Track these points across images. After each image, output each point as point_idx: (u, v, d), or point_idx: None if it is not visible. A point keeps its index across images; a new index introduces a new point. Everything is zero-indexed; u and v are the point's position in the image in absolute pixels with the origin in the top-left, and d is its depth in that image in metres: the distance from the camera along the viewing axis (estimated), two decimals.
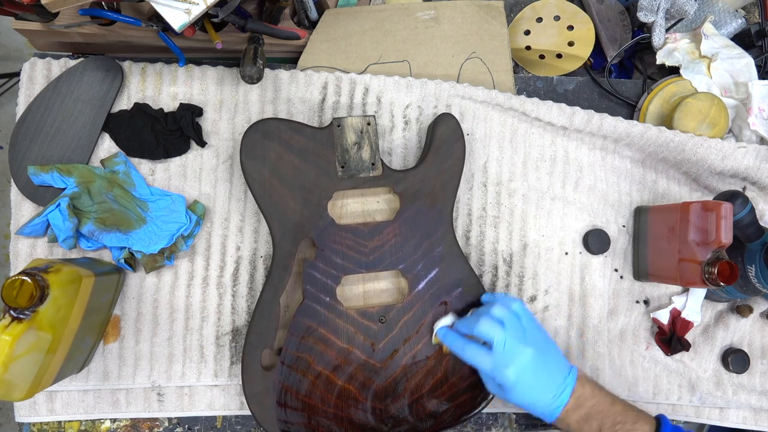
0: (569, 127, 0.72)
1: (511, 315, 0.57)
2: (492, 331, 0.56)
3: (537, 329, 0.59)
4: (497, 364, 0.56)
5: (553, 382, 0.57)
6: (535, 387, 0.56)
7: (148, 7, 0.63)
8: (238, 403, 0.66)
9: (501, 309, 0.58)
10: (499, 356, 0.56)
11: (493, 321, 0.57)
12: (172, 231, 0.64)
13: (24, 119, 0.64)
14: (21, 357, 0.48)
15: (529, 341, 0.56)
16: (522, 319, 0.58)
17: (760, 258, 0.64)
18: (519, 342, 0.56)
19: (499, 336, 0.56)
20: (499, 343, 0.55)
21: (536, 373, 0.56)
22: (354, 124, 0.64)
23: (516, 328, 0.56)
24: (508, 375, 0.55)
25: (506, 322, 0.57)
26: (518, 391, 0.56)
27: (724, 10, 0.81)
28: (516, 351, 0.55)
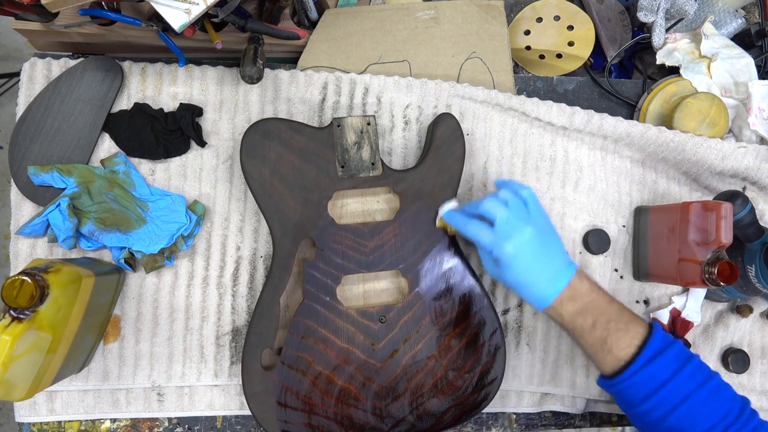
0: (569, 127, 0.72)
1: (518, 198, 0.57)
2: (495, 209, 0.56)
3: (543, 216, 0.59)
4: (497, 237, 0.55)
5: (552, 267, 0.56)
6: (532, 266, 0.56)
7: (148, 7, 0.63)
8: (238, 403, 0.66)
9: (508, 192, 0.58)
10: (500, 231, 0.55)
11: (498, 200, 0.57)
12: (172, 231, 0.64)
13: (24, 119, 0.64)
14: (21, 357, 0.48)
15: (531, 222, 0.56)
16: (529, 203, 0.58)
17: (760, 258, 0.64)
18: (521, 221, 0.56)
19: (501, 213, 0.56)
20: (501, 219, 0.55)
21: (535, 252, 0.55)
22: (354, 124, 0.64)
23: (520, 210, 0.57)
24: (507, 248, 0.55)
25: (511, 203, 0.57)
26: (514, 268, 0.55)
27: (724, 10, 0.81)
28: (517, 227, 0.55)
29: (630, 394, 0.55)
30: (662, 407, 0.53)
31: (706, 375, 0.54)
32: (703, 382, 0.54)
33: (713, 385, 0.54)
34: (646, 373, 0.54)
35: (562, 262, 0.57)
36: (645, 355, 0.54)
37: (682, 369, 0.54)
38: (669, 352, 0.54)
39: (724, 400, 0.54)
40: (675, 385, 0.53)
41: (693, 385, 0.53)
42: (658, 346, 0.54)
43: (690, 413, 0.53)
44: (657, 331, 0.56)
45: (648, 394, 0.54)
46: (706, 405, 0.53)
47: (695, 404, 0.53)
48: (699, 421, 0.53)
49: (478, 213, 0.58)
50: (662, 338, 0.55)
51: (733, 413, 0.53)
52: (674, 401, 0.53)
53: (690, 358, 0.55)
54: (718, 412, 0.53)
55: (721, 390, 0.54)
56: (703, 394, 0.53)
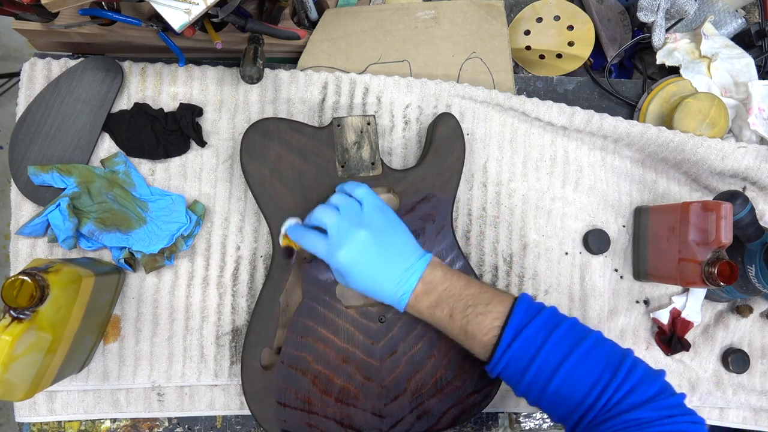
0: (569, 127, 0.72)
1: (350, 201, 0.55)
2: (325, 216, 0.54)
3: (381, 213, 0.55)
4: (330, 247, 0.53)
5: (397, 267, 0.54)
6: (375, 271, 0.53)
7: (148, 7, 0.63)
8: (238, 403, 0.66)
9: (340, 196, 0.56)
10: (332, 239, 0.53)
11: (329, 207, 0.55)
12: (172, 231, 0.64)
13: (24, 119, 0.64)
14: (21, 357, 0.48)
15: (366, 224, 0.53)
16: (364, 203, 0.55)
17: (760, 258, 0.64)
18: (353, 225, 0.53)
19: (332, 220, 0.53)
20: (332, 227, 0.53)
21: (374, 256, 0.53)
22: (354, 124, 0.64)
23: (352, 212, 0.54)
24: (340, 258, 0.52)
25: (342, 207, 0.54)
26: (356, 276, 0.53)
27: (724, 10, 0.81)
28: (349, 233, 0.53)
29: (508, 374, 0.52)
30: (539, 380, 0.50)
31: (577, 337, 0.51)
32: (576, 343, 0.50)
33: (587, 345, 0.50)
34: (515, 350, 0.51)
35: (411, 257, 0.54)
36: (508, 333, 0.51)
37: (550, 337, 0.50)
38: (535, 322, 0.51)
39: (599, 358, 0.50)
40: (545, 354, 0.50)
41: (564, 349, 0.50)
42: (520, 321, 0.51)
43: (566, 381, 0.49)
44: (520, 304, 0.52)
45: (522, 371, 0.51)
46: (581, 367, 0.49)
47: (568, 370, 0.49)
48: (576, 386, 0.49)
49: (314, 224, 0.56)
50: (526, 310, 0.52)
51: (608, 371, 0.49)
52: (548, 371, 0.50)
53: (559, 324, 0.51)
54: (592, 372, 0.49)
55: (597, 348, 0.51)
56: (576, 357, 0.50)
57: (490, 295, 0.54)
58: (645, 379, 0.49)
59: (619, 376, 0.48)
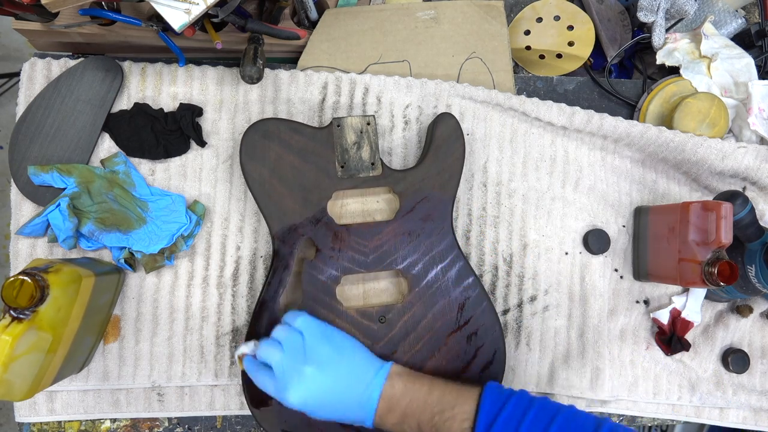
0: (569, 127, 0.72)
1: (292, 333, 0.54)
2: (269, 354, 0.53)
3: (323, 340, 0.54)
4: (278, 389, 0.52)
5: (353, 391, 0.52)
6: (331, 402, 0.52)
7: (148, 7, 0.63)
8: (238, 403, 0.66)
9: (281, 329, 0.55)
10: (279, 380, 0.52)
11: (272, 344, 0.53)
12: (172, 231, 0.64)
13: (24, 119, 0.64)
14: (21, 357, 0.48)
15: (310, 359, 0.52)
16: (305, 334, 0.54)
17: (760, 258, 0.64)
18: (297, 362, 0.52)
19: (275, 359, 0.52)
20: (278, 367, 0.52)
21: (325, 388, 0.52)
22: (354, 124, 0.64)
23: (294, 348, 0.53)
24: (290, 399, 0.51)
25: (285, 342, 0.53)
26: (315, 412, 0.52)
27: (724, 10, 0.81)
28: (293, 372, 0.51)
29: None
30: None
31: (549, 415, 0.50)
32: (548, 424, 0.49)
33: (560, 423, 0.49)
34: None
35: (365, 376, 0.53)
36: None
37: (522, 423, 0.49)
38: (502, 416, 0.49)
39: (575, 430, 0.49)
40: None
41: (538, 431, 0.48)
42: (487, 418, 0.50)
43: None
44: (485, 399, 0.51)
45: None
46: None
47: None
48: None
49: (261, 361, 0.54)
50: (491, 404, 0.51)
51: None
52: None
53: (526, 411, 0.50)
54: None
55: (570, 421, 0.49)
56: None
57: (454, 396, 0.52)
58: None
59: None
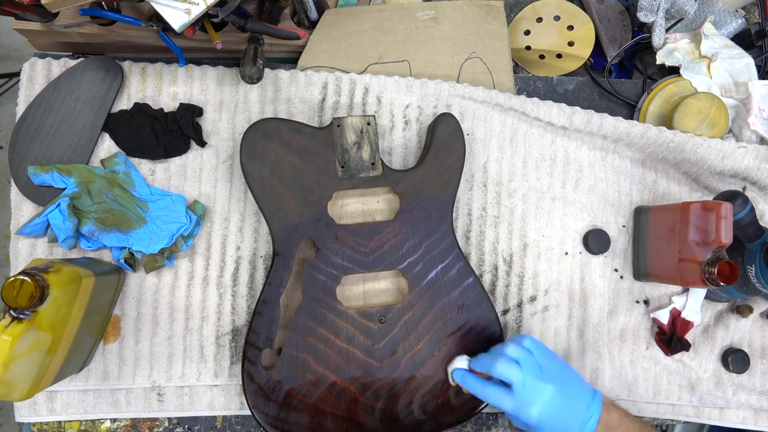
0: (569, 127, 0.72)
1: (525, 352, 0.57)
2: (509, 372, 0.55)
3: (553, 362, 0.58)
4: (519, 404, 0.55)
5: (578, 414, 0.56)
6: (561, 421, 0.56)
7: (148, 7, 0.63)
8: (238, 403, 0.66)
9: (514, 348, 0.57)
10: (520, 396, 0.55)
11: (509, 361, 0.56)
12: (172, 231, 0.64)
13: (24, 119, 0.64)
14: (21, 357, 0.48)
15: (547, 377, 0.56)
16: (535, 354, 0.58)
17: (760, 258, 0.64)
18: (538, 380, 0.55)
19: (517, 376, 0.55)
20: (519, 384, 0.55)
21: (559, 407, 0.55)
22: (354, 124, 0.64)
23: (533, 366, 0.56)
24: (532, 414, 0.55)
25: (522, 361, 0.56)
26: (545, 428, 0.56)
27: (724, 10, 0.81)
28: (536, 389, 0.55)
29: None
30: None
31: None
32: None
33: None
34: None
35: (587, 401, 0.57)
36: None
37: None
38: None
39: None
40: None
41: None
42: None
43: None
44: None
45: None
46: None
47: None
48: None
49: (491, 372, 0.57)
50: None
51: None
52: None
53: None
54: None
55: None
56: None
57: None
58: None
59: None
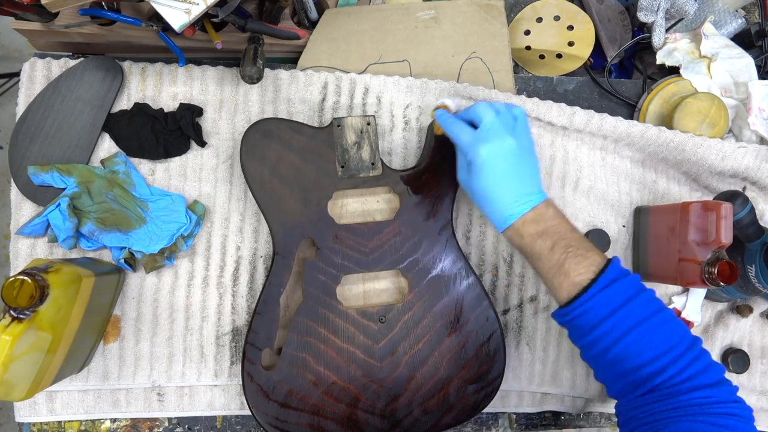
0: (569, 127, 0.72)
1: (509, 112, 0.57)
2: (485, 112, 0.56)
3: (528, 137, 0.58)
4: (476, 139, 0.55)
5: (522, 187, 0.56)
6: (503, 179, 0.55)
7: (148, 7, 0.63)
8: (238, 403, 0.66)
9: (501, 105, 0.58)
10: (481, 133, 0.55)
11: (490, 106, 0.57)
12: (172, 231, 0.64)
13: (24, 119, 0.64)
14: (21, 357, 0.48)
15: (516, 135, 0.56)
16: (519, 120, 0.57)
17: (760, 258, 0.64)
18: (505, 130, 0.55)
19: (489, 117, 0.55)
20: (487, 123, 0.55)
21: (509, 165, 0.55)
22: (354, 124, 0.64)
23: (507, 121, 0.56)
24: (482, 151, 0.55)
25: (502, 112, 0.56)
26: (484, 176, 0.55)
27: (724, 10, 0.81)
28: (499, 134, 0.55)
29: (582, 322, 0.53)
30: (611, 335, 0.52)
31: (659, 306, 0.53)
32: (655, 312, 0.52)
33: (665, 317, 0.52)
34: (600, 298, 0.52)
35: (534, 186, 0.57)
36: (602, 281, 0.52)
37: (636, 297, 0.52)
38: (625, 280, 0.53)
39: (674, 332, 0.52)
40: (626, 312, 0.51)
41: (644, 313, 0.51)
42: (615, 274, 0.53)
43: (637, 342, 0.51)
44: (616, 261, 0.54)
45: (598, 321, 0.52)
46: (655, 334, 0.51)
47: (643, 333, 0.51)
48: (644, 350, 0.51)
49: (467, 116, 0.58)
50: (620, 269, 0.54)
51: (682, 346, 0.50)
52: (623, 328, 0.51)
53: (644, 289, 0.53)
54: (665, 342, 0.51)
55: (672, 322, 0.52)
56: (652, 323, 0.51)
57: (591, 245, 0.56)
58: (713, 364, 0.51)
59: (691, 354, 0.50)
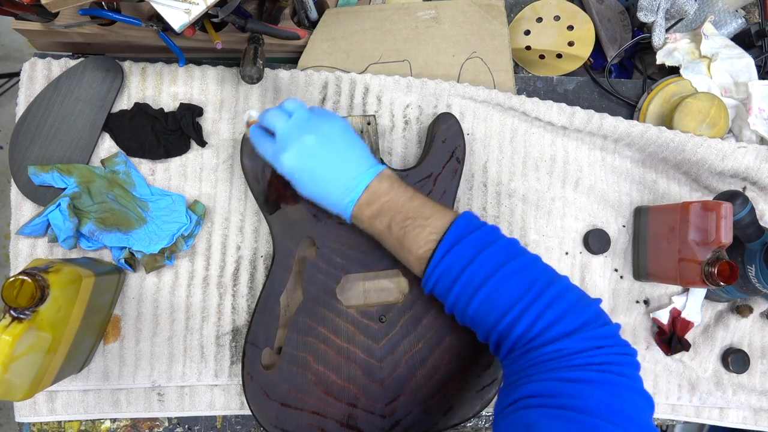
0: (569, 127, 0.72)
1: (302, 107, 0.54)
2: (276, 120, 0.53)
3: (331, 122, 0.53)
4: (276, 150, 0.52)
5: (344, 175, 0.52)
6: (321, 177, 0.52)
7: (148, 7, 0.63)
8: (238, 403, 0.66)
9: (293, 101, 0.55)
10: (279, 142, 0.52)
11: (280, 110, 0.54)
12: (172, 231, 0.64)
13: (24, 119, 0.64)
14: (21, 357, 0.48)
15: (313, 130, 0.52)
16: (315, 111, 0.54)
17: (760, 258, 0.64)
18: (300, 130, 0.52)
19: (281, 124, 0.52)
20: (281, 131, 0.52)
21: (320, 161, 0.51)
22: (354, 124, 0.64)
23: (303, 118, 0.53)
24: (284, 161, 0.52)
25: (294, 111, 0.53)
26: (303, 182, 0.52)
27: (724, 10, 0.81)
28: (295, 138, 0.51)
29: (439, 290, 0.50)
30: (464, 295, 0.48)
31: (509, 256, 0.48)
32: (504, 263, 0.47)
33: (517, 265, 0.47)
34: (445, 264, 0.48)
35: (359, 166, 0.52)
36: (441, 248, 0.49)
37: (482, 253, 0.47)
38: (470, 238, 0.48)
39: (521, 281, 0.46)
40: (472, 269, 0.47)
41: (490, 267, 0.47)
42: (456, 237, 0.49)
43: (489, 296, 0.46)
44: (459, 220, 0.50)
45: (449, 286, 0.49)
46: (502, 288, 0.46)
47: (494, 285, 0.46)
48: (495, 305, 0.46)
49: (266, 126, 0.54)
50: (465, 226, 0.50)
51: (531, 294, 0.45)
52: (472, 288, 0.47)
53: (494, 242, 0.49)
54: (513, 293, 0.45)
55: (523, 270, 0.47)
56: (502, 274, 0.46)
57: (431, 210, 0.51)
58: (574, 307, 0.45)
59: (542, 302, 0.45)
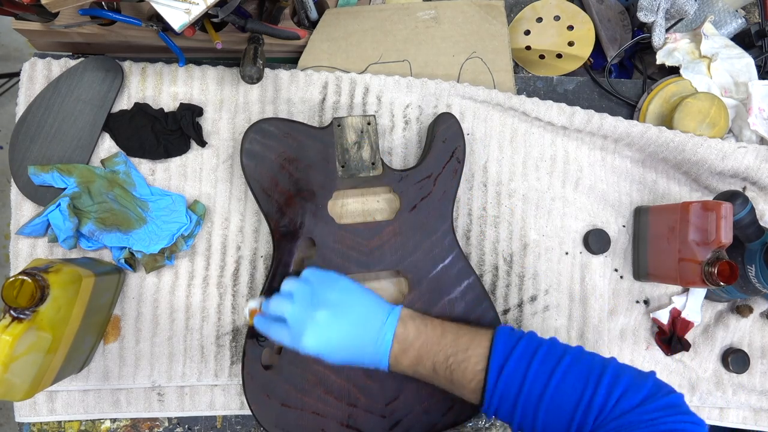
0: (569, 127, 0.72)
1: (300, 283, 0.55)
2: (281, 307, 0.54)
3: (331, 286, 0.54)
4: (294, 337, 0.52)
5: (367, 334, 0.52)
6: (347, 346, 0.52)
7: (148, 7, 0.63)
8: (238, 403, 0.66)
9: (289, 282, 0.56)
10: (293, 329, 0.52)
11: (282, 297, 0.55)
12: (172, 231, 0.64)
13: (24, 119, 0.64)
14: (21, 357, 0.48)
15: (321, 303, 0.53)
16: (313, 283, 0.55)
17: (760, 258, 0.64)
18: (308, 309, 0.52)
19: (287, 309, 0.53)
20: (290, 317, 0.52)
21: (341, 330, 0.52)
22: (354, 124, 0.64)
23: (304, 296, 0.53)
24: (306, 345, 0.51)
25: (295, 292, 0.54)
26: (332, 355, 0.52)
27: (724, 10, 0.81)
28: (306, 319, 0.52)
29: (503, 414, 0.51)
30: (528, 412, 0.49)
31: (555, 359, 0.50)
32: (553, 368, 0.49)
33: (563, 368, 0.49)
34: (500, 389, 0.49)
35: (378, 317, 0.53)
36: (491, 375, 0.50)
37: (531, 365, 0.49)
38: (513, 356, 0.50)
39: (576, 380, 0.48)
40: (528, 385, 0.49)
41: (544, 375, 0.49)
42: (500, 359, 0.50)
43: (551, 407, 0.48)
44: (497, 341, 0.52)
45: (512, 408, 0.50)
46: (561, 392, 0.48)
47: (551, 396, 0.48)
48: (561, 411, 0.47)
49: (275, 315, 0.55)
50: (504, 345, 0.51)
51: (588, 391, 0.47)
52: (533, 402, 0.48)
53: (536, 351, 0.50)
54: (579, 382, 0.48)
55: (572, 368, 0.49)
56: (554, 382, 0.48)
57: (468, 339, 0.53)
58: (632, 386, 0.47)
59: (601, 390, 0.47)
